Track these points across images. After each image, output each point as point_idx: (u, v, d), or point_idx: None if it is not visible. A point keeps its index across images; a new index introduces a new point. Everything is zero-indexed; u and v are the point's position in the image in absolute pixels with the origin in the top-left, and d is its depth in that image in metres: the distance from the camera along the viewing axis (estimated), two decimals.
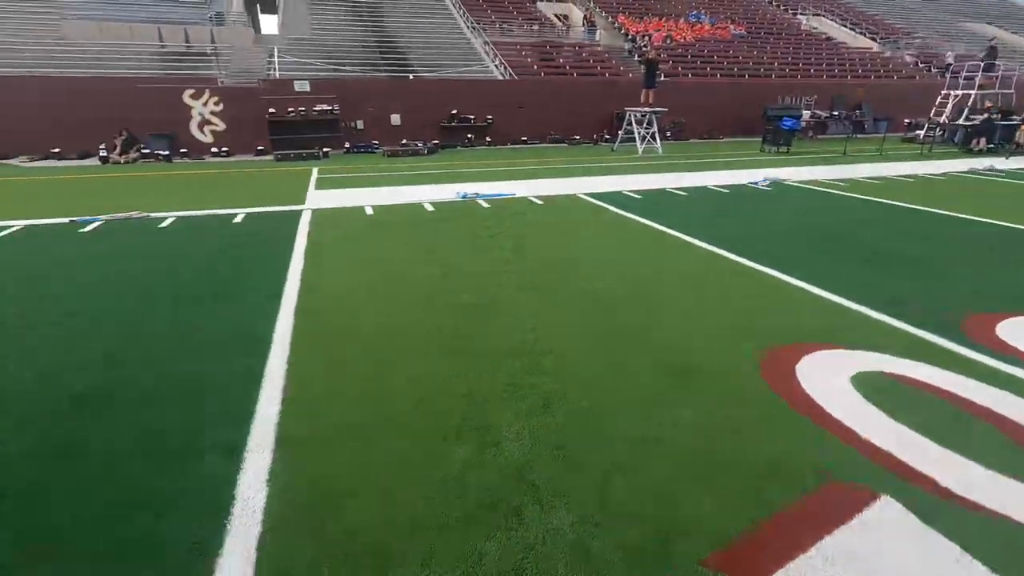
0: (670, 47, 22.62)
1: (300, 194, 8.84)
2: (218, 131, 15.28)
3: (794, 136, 15.37)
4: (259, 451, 2.36)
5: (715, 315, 3.78)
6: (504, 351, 3.26)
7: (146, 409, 2.68)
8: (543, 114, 18.19)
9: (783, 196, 8.33)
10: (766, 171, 10.92)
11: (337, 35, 20.44)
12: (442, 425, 2.54)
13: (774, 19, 28.43)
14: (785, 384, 2.86)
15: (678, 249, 5.44)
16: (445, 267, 4.90)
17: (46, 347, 3.37)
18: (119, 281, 4.57)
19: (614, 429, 2.50)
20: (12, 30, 17.28)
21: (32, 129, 14.24)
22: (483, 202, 7.93)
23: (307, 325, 3.66)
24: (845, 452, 2.33)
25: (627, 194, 8.51)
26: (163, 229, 6.43)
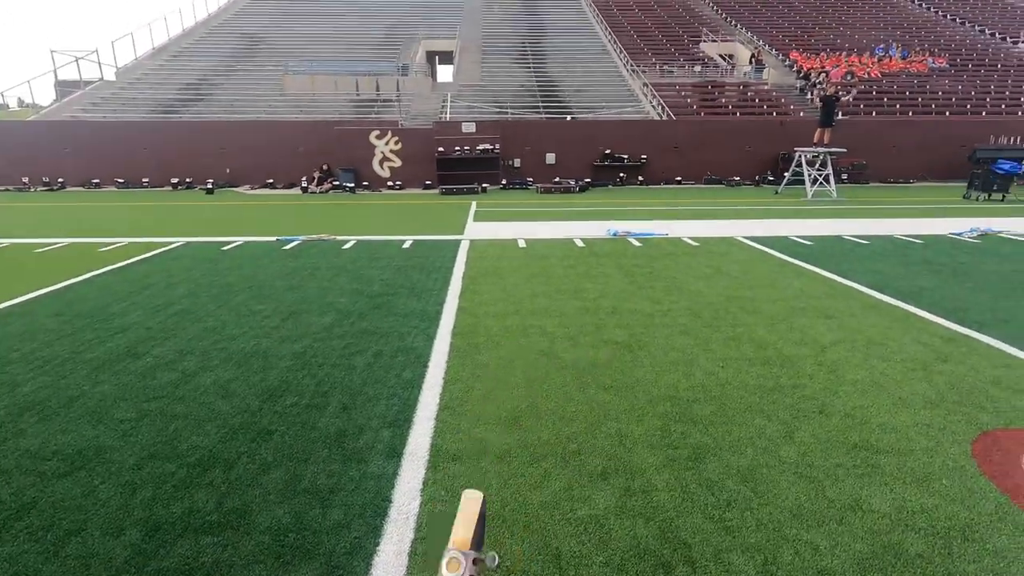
0: (851, 83, 20.66)
1: (460, 225, 9.50)
2: (394, 167, 17.13)
3: (1012, 182, 12.97)
4: (415, 458, 2.51)
5: (908, 384, 3.25)
6: (657, 395, 3.12)
7: (323, 406, 3.01)
8: (700, 154, 17.59)
9: (998, 250, 7.03)
10: (973, 220, 9.32)
11: (503, 80, 21.97)
12: (589, 462, 2.49)
13: (985, 48, 24.67)
14: (1009, 479, 2.34)
15: (859, 304, 4.83)
16: (595, 302, 4.88)
17: (242, 343, 3.96)
18: (305, 290, 5.26)
19: (777, 498, 2.24)
20: (248, 83, 21.28)
21: (255, 164, 17.23)
22: (634, 240, 7.82)
23: (462, 346, 3.86)
24: None
25: (794, 239, 7.81)
26: (345, 250, 7.29)
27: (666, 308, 4.72)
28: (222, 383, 3.31)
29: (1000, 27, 27.21)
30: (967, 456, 2.51)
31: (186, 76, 21.73)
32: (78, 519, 2.13)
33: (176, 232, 8.77)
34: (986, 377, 3.32)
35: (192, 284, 5.59)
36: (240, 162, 17.24)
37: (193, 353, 3.77)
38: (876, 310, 4.65)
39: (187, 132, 17.37)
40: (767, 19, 28.01)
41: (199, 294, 5.22)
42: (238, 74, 22.07)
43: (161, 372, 3.47)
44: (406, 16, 28.93)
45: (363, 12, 29.50)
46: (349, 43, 25.32)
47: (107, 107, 19.22)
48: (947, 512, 2.14)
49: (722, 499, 2.23)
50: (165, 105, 19.40)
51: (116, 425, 2.83)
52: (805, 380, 3.31)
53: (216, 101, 19.87)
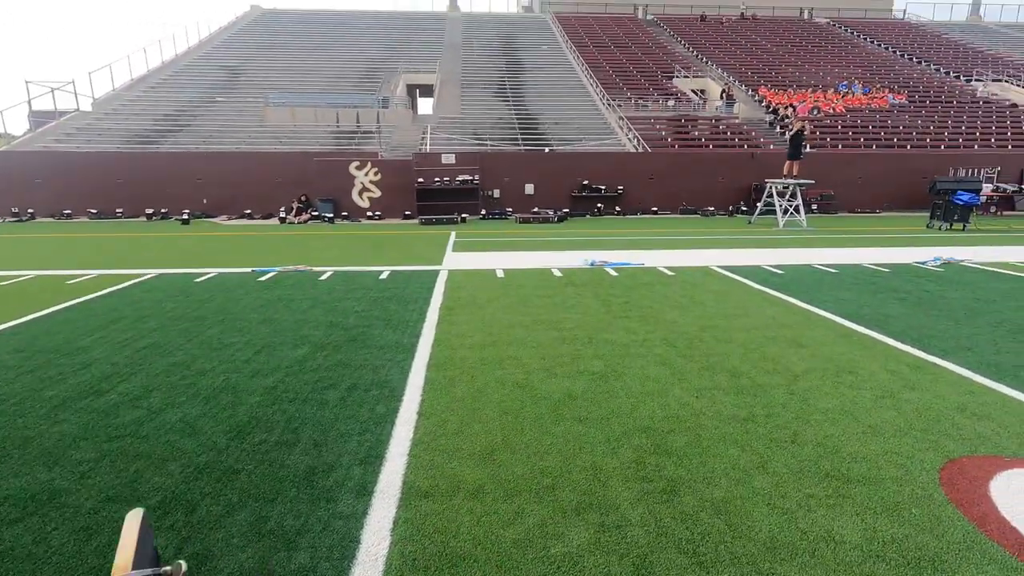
0: (817, 118, 21.52)
1: (439, 255, 9.51)
2: (374, 197, 17.16)
3: (972, 212, 13.52)
4: (386, 496, 2.45)
5: (878, 412, 3.31)
6: (632, 427, 3.12)
7: (292, 443, 2.93)
8: (675, 185, 18.01)
9: (961, 279, 7.27)
10: (936, 249, 9.66)
11: (483, 113, 22.37)
12: (564, 497, 2.46)
13: (941, 87, 25.99)
14: (977, 507, 2.37)
15: (830, 332, 4.93)
16: (572, 333, 4.89)
17: (212, 378, 3.87)
18: (279, 322, 5.18)
19: (751, 531, 2.23)
20: (227, 115, 21.31)
21: (232, 194, 17.12)
22: (611, 270, 7.91)
23: (437, 379, 3.82)
24: None
25: (767, 268, 7.99)
26: (322, 281, 7.23)
27: (642, 338, 4.75)
28: (189, 420, 3.21)
29: (954, 66, 28.77)
30: (935, 484, 2.54)
31: (164, 107, 21.69)
32: (26, 569, 2.02)
33: (149, 264, 8.62)
34: (951, 404, 3.39)
35: (163, 317, 5.47)
36: (217, 193, 17.12)
37: (160, 389, 3.67)
38: (846, 338, 4.75)
39: (164, 162, 17.26)
40: (736, 57, 29.19)
41: (169, 327, 5.11)
42: (218, 105, 22.11)
43: (125, 409, 3.36)
44: (387, 50, 29.48)
45: (345, 46, 29.98)
46: (330, 76, 25.63)
47: (81, 137, 19.04)
48: (917, 542, 2.15)
49: (696, 533, 2.21)
50: (142, 136, 19.28)
51: (74, 466, 2.72)
52: (778, 409, 3.34)
53: (194, 132, 19.83)
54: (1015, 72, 27.27)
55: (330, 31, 32.28)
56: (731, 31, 33.87)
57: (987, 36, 35.20)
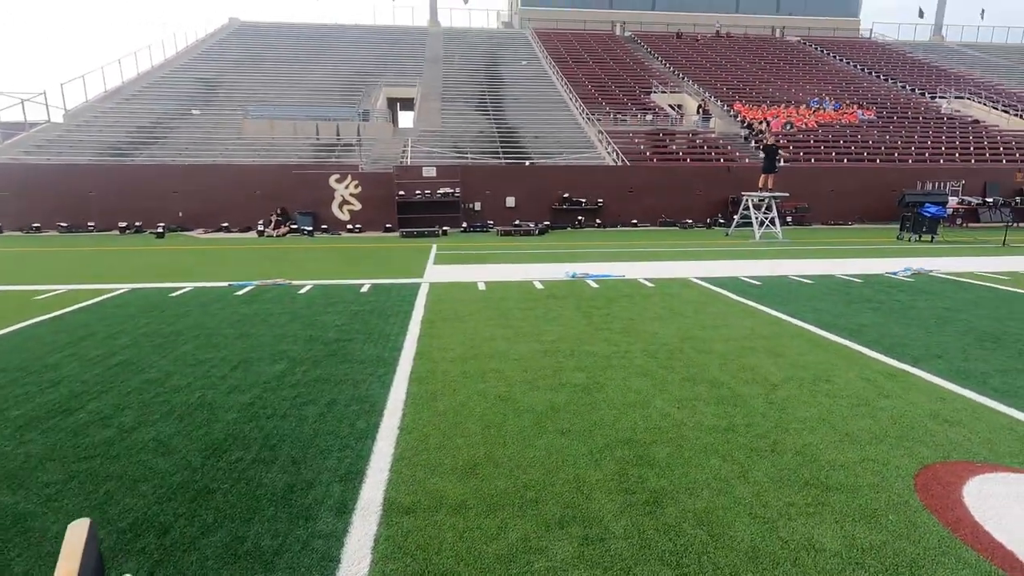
0: (790, 132, 22.09)
1: (420, 268, 9.47)
2: (354, 210, 17.07)
3: (939, 224, 13.95)
4: (366, 514, 2.41)
5: (854, 419, 3.37)
6: (614, 438, 3.12)
7: (270, 460, 2.87)
8: (654, 198, 18.27)
9: (929, 288, 7.47)
10: (906, 260, 9.93)
11: (463, 127, 22.48)
12: (547, 511, 2.44)
13: (908, 103, 26.91)
14: (950, 512, 2.42)
15: (806, 341, 5.01)
16: (554, 345, 4.90)
17: (186, 395, 3.78)
18: (257, 337, 5.09)
19: (733, 541, 2.24)
20: (204, 127, 21.07)
21: (209, 207, 16.87)
22: (592, 282, 7.96)
23: (419, 393, 3.78)
24: None
25: (744, 280, 8.12)
26: (301, 295, 7.14)
27: (623, 349, 4.78)
28: (162, 439, 3.13)
29: (919, 83, 29.84)
30: (911, 491, 2.59)
31: (139, 119, 21.36)
32: None
33: (121, 278, 8.42)
34: (924, 411, 3.47)
35: (135, 333, 5.34)
36: (193, 205, 16.86)
37: (132, 407, 3.57)
38: (822, 347, 4.84)
39: (138, 175, 16.95)
40: (712, 73, 29.87)
41: (142, 344, 4.99)
42: (194, 118, 21.84)
43: (95, 429, 3.26)
44: (368, 64, 29.52)
45: (325, 60, 29.95)
46: (310, 89, 25.54)
47: (52, 149, 18.62)
48: (894, 548, 2.19)
49: (679, 544, 2.22)
50: (115, 148, 18.94)
51: (40, 489, 2.62)
52: (758, 418, 3.38)
53: (170, 144, 19.54)
54: (976, 90, 28.39)
55: (310, 45, 32.24)
56: (706, 48, 34.69)
57: (949, 55, 36.64)
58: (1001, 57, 36.76)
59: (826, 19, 42.05)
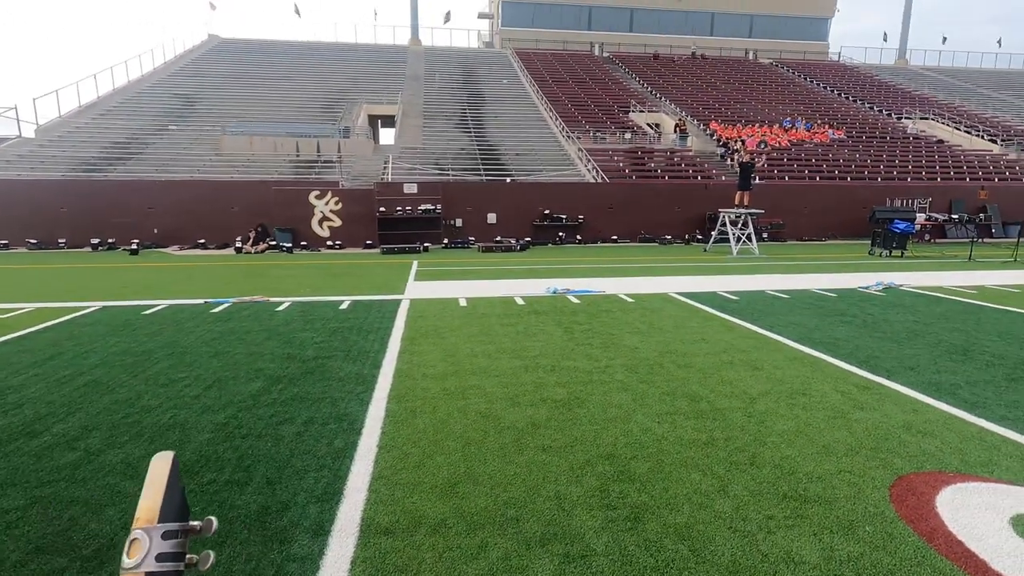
0: (764, 151, 22.65)
1: (401, 284, 9.42)
2: (334, 227, 16.95)
3: (908, 239, 14.37)
4: (343, 535, 2.35)
5: (831, 432, 3.41)
6: (596, 454, 3.11)
7: (244, 482, 2.80)
8: (633, 214, 18.52)
9: (901, 302, 7.67)
10: (878, 275, 10.19)
11: (444, 144, 22.59)
12: (528, 529, 2.41)
13: (876, 123, 27.84)
14: (925, 522, 2.46)
15: (783, 355, 5.09)
16: (535, 360, 4.89)
17: (158, 415, 3.68)
18: (233, 355, 4.99)
19: (714, 556, 2.24)
20: (183, 143, 20.84)
21: (185, 223, 16.62)
22: (573, 298, 7.99)
23: (398, 411, 3.74)
24: None
25: (723, 295, 8.23)
26: (279, 312, 7.04)
27: (604, 365, 4.79)
28: (131, 461, 3.03)
29: (886, 104, 30.92)
30: (886, 502, 2.62)
31: (114, 134, 21.04)
32: None
33: (92, 296, 8.21)
34: (898, 423, 3.53)
35: (105, 352, 5.19)
36: (169, 222, 16.59)
37: (100, 428, 3.45)
38: (799, 361, 4.91)
39: (112, 191, 16.63)
40: (688, 94, 30.58)
41: (112, 363, 4.85)
42: (171, 133, 21.60)
43: (60, 451, 3.14)
44: (348, 81, 29.59)
45: (305, 77, 29.95)
46: (290, 106, 25.49)
47: (23, 164, 18.20)
48: (871, 560, 2.21)
49: (661, 560, 2.21)
50: (89, 163, 18.60)
51: (0, 515, 2.51)
52: (737, 432, 3.40)
53: (146, 160, 19.26)
54: (939, 111, 29.52)
55: (290, 62, 32.24)
56: (682, 69, 35.55)
57: (913, 78, 38.09)
58: (962, 80, 38.35)
59: (796, 43, 43.49)
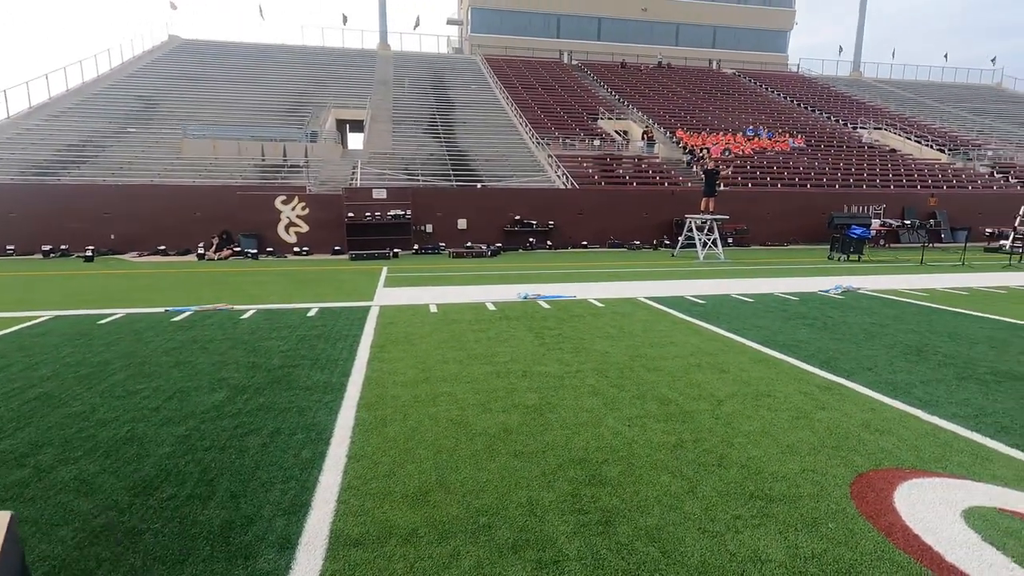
0: (728, 158, 23.25)
1: (370, 291, 9.30)
2: (301, 232, 16.66)
3: (865, 244, 14.94)
4: (311, 548, 2.30)
5: (794, 432, 3.50)
6: (567, 458, 3.12)
7: (207, 496, 2.70)
8: (603, 220, 18.75)
9: (859, 305, 7.95)
10: (837, 279, 10.55)
11: (414, 149, 22.46)
12: (500, 536, 2.40)
13: (833, 133, 28.90)
14: (884, 518, 2.54)
15: (748, 358, 5.21)
16: (506, 366, 4.89)
17: (114, 429, 3.54)
18: (195, 365, 4.84)
19: (684, 557, 2.27)
20: (142, 146, 20.17)
21: (145, 229, 16.07)
22: (544, 303, 8.03)
23: (368, 419, 3.68)
24: None
25: (690, 299, 8.40)
26: (244, 320, 6.86)
27: (575, 369, 4.82)
28: (85, 477, 2.90)
29: (842, 115, 32.15)
30: (847, 499, 2.71)
31: (68, 137, 20.24)
32: None
33: (43, 305, 7.85)
34: (857, 421, 3.65)
35: (58, 364, 4.96)
36: (128, 228, 16.03)
37: (51, 444, 3.29)
38: (763, 363, 5.03)
39: (65, 195, 15.99)
40: (655, 102, 31.20)
41: (65, 375, 4.64)
42: (130, 136, 20.89)
43: (7, 470, 2.98)
44: (315, 85, 29.18)
45: (270, 80, 29.41)
46: (255, 109, 24.98)
47: None
48: (834, 556, 2.27)
49: (632, 563, 2.22)
50: (40, 166, 17.83)
51: None
52: (705, 434, 3.46)
53: (102, 163, 18.57)
54: (891, 121, 30.86)
55: (255, 64, 31.63)
56: (649, 78, 36.27)
57: (867, 90, 39.74)
58: (912, 92, 40.20)
59: (758, 54, 44.90)
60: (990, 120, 34.55)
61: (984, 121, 34.17)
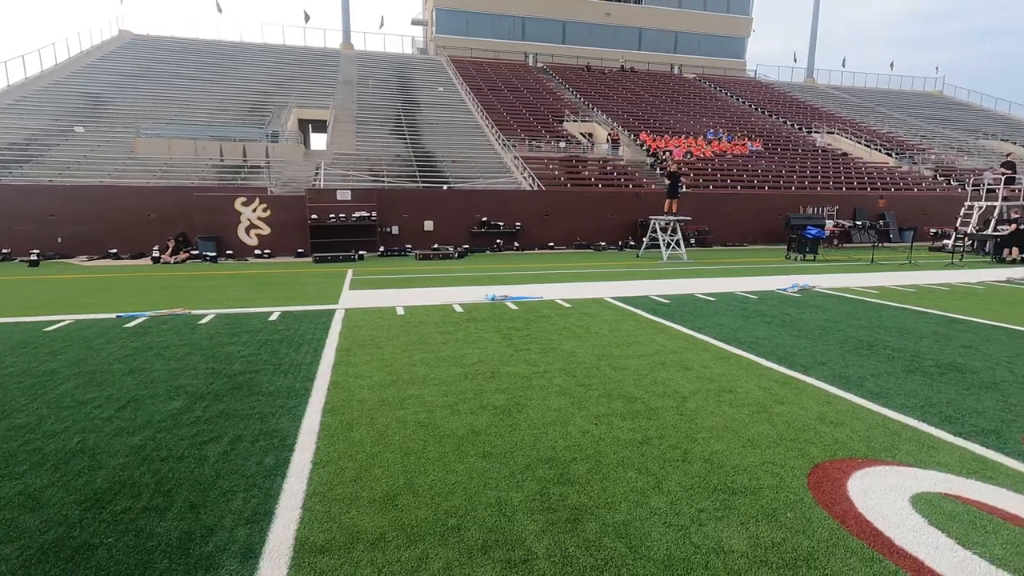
0: (690, 161, 23.79)
1: (335, 294, 9.14)
2: (262, 234, 16.24)
3: (820, 244, 15.51)
4: (275, 556, 2.24)
5: (755, 426, 3.61)
6: (536, 458, 3.14)
7: (164, 508, 2.61)
8: (569, 221, 18.92)
9: (814, 302, 8.25)
10: (794, 278, 10.93)
11: (379, 150, 22.20)
12: (469, 537, 2.40)
13: (789, 137, 29.92)
14: (838, 506, 2.65)
15: (711, 355, 5.34)
16: (474, 368, 4.88)
17: (63, 440, 3.38)
18: (150, 372, 4.66)
19: (650, 551, 2.32)
20: (91, 145, 19.32)
21: (95, 231, 15.40)
22: (511, 304, 8.05)
23: (334, 424, 3.61)
24: None
25: (655, 299, 8.55)
26: (202, 325, 6.64)
27: (543, 369, 4.85)
28: (31, 492, 2.76)
29: (797, 119, 33.31)
30: (805, 489, 2.81)
31: (9, 135, 19.23)
32: None
33: None
34: (813, 414, 3.79)
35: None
36: (77, 230, 15.33)
37: None
38: (725, 360, 5.17)
39: (8, 197, 15.17)
40: (619, 105, 31.68)
41: (7, 385, 4.40)
42: (78, 135, 19.98)
43: None
44: (276, 84, 28.53)
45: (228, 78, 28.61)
46: (212, 108, 24.25)
47: None
48: (793, 544, 2.35)
49: (600, 559, 2.25)
50: None
51: None
52: (670, 430, 3.54)
53: (48, 163, 17.71)
54: (843, 126, 32.16)
55: (212, 62, 30.71)
56: (613, 81, 36.81)
57: (820, 96, 41.31)
58: (862, 98, 41.98)
59: (717, 60, 46.13)
60: (933, 126, 36.38)
61: (928, 127, 35.97)
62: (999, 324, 6.75)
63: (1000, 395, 4.19)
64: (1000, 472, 2.97)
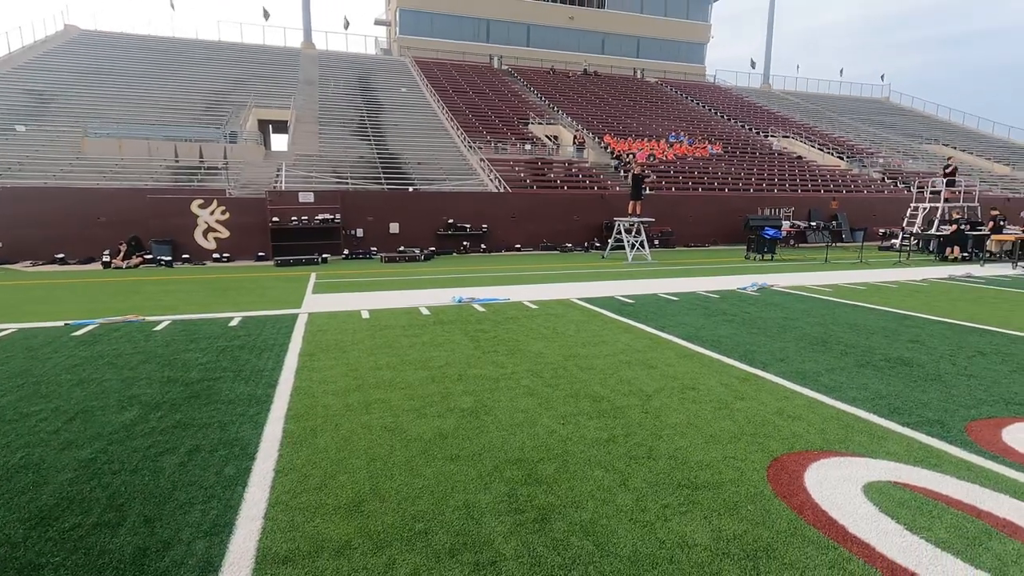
0: (653, 163, 24.25)
1: (297, 298, 8.94)
2: (221, 238, 15.76)
3: (777, 244, 16.03)
4: (236, 569, 2.18)
5: (716, 422, 3.70)
6: (503, 459, 3.14)
7: (116, 523, 2.50)
8: (535, 223, 19.02)
9: (772, 301, 8.52)
10: (753, 277, 11.26)
11: (343, 152, 21.84)
12: (437, 541, 2.38)
13: (747, 140, 30.84)
14: (796, 497, 2.74)
15: (675, 353, 5.45)
16: (441, 370, 4.85)
17: (5, 456, 3.21)
18: (101, 383, 4.47)
19: (616, 547, 2.35)
20: (34, 145, 18.39)
21: (40, 236, 14.65)
22: (478, 306, 8.03)
23: (297, 431, 3.53)
24: (870, 572, 2.18)
25: (620, 299, 8.68)
26: (157, 332, 6.40)
27: (510, 371, 4.86)
28: None
29: (754, 123, 34.36)
30: (764, 482, 2.89)
31: None
32: None
33: None
34: (772, 409, 3.92)
35: None
36: (19, 234, 14.56)
37: None
38: (688, 358, 5.29)
39: None
40: (584, 108, 32.04)
41: None
42: (19, 134, 18.98)
43: None
44: (234, 83, 27.76)
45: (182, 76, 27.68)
46: (166, 107, 23.41)
47: None
48: (753, 536, 2.42)
49: (567, 558, 2.27)
50: None
51: None
52: (635, 428, 3.59)
53: None
54: (797, 131, 33.34)
55: (165, 60, 29.65)
56: (577, 84, 37.21)
57: (775, 101, 42.73)
58: (814, 104, 43.62)
59: (678, 64, 47.18)
60: (880, 130, 38.10)
61: (875, 131, 37.64)
62: (942, 319, 7.11)
63: (944, 387, 4.41)
64: (944, 460, 3.13)
